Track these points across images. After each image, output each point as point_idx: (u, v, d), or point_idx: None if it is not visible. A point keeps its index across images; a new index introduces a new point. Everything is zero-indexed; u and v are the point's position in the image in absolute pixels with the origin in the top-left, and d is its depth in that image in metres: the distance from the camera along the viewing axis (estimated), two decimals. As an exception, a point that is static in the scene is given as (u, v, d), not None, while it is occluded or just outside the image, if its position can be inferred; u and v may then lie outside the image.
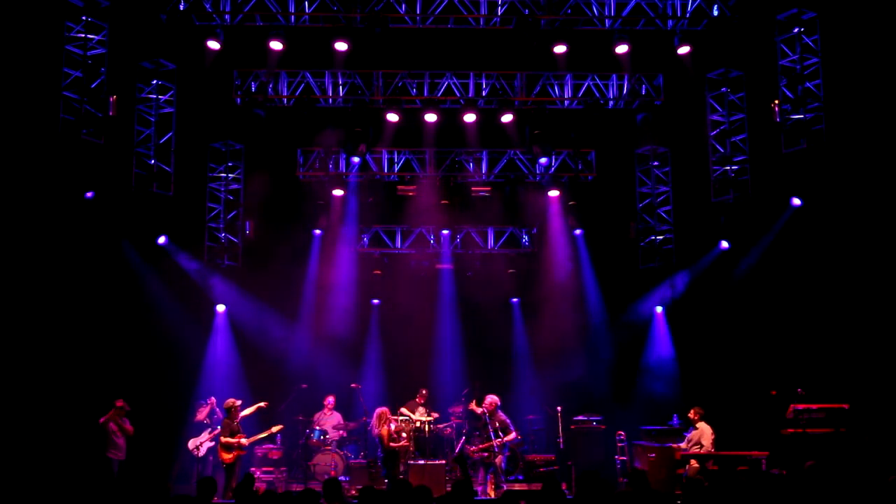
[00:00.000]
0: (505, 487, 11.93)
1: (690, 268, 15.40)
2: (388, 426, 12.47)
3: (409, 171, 15.58)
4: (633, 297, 16.07)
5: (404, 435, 13.19)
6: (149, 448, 13.20)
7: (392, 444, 12.41)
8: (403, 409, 14.02)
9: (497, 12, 13.17)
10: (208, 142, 15.29)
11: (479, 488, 12.19)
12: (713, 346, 14.57)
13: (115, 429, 12.32)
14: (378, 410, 12.73)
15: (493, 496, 11.86)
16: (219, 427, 12.53)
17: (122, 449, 12.41)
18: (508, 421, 12.56)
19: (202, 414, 13.29)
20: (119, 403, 12.40)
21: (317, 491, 7.43)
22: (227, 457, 11.89)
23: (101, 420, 12.29)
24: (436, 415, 14.34)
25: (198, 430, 13.23)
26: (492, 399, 12.54)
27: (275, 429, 12.59)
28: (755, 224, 14.24)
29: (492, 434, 12.20)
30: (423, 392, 14.72)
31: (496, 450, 12.20)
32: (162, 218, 14.28)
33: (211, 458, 13.04)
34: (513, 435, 12.45)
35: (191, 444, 13.07)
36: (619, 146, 15.70)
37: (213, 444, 12.95)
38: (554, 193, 15.74)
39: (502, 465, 12.27)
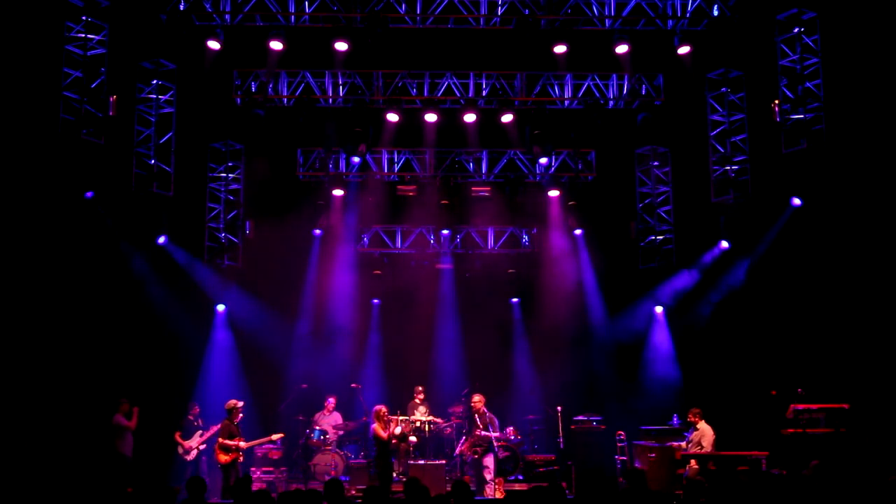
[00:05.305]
0: (491, 477, 12.09)
1: (690, 268, 15.40)
2: (383, 423, 12.37)
3: (409, 171, 15.58)
4: (633, 297, 16.07)
5: (413, 438, 13.15)
6: (148, 448, 13.18)
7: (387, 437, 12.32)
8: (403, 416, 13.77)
9: (497, 12, 13.16)
10: (208, 142, 15.28)
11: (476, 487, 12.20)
12: (713, 345, 14.58)
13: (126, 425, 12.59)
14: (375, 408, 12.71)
15: (488, 495, 11.87)
16: (210, 429, 12.60)
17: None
18: (496, 420, 12.83)
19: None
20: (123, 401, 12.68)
21: (317, 491, 7.42)
22: (225, 458, 11.63)
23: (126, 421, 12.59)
24: (438, 420, 14.21)
25: (189, 432, 13.24)
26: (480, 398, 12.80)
27: (275, 437, 12.43)
28: (755, 224, 14.24)
29: (490, 430, 12.37)
30: (420, 389, 14.54)
31: (494, 445, 12.28)
32: (162, 218, 14.28)
33: (205, 458, 13.07)
34: (509, 430, 12.93)
35: (180, 449, 13.08)
36: (619, 146, 15.70)
37: (203, 447, 13.01)
38: (554, 193, 15.72)
39: (493, 462, 12.30)
